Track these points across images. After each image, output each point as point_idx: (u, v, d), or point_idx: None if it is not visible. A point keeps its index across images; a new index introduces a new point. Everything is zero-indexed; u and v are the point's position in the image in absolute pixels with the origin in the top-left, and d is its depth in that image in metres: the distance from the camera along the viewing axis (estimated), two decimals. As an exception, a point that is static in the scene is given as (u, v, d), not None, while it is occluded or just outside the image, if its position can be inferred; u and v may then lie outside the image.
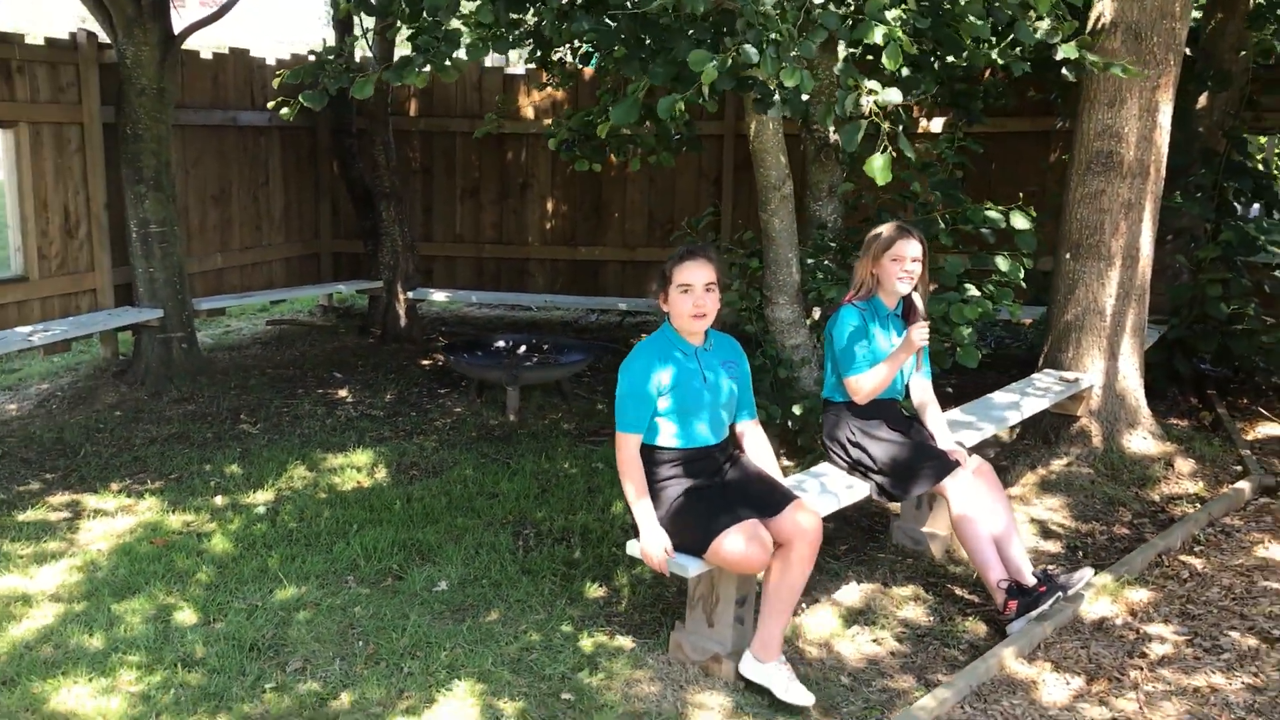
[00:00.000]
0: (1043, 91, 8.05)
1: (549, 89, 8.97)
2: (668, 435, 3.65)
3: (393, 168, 8.59)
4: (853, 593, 4.38)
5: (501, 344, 7.38)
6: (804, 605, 4.24)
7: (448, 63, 4.62)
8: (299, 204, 9.37)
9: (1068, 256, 5.87)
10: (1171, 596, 4.33)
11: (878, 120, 3.91)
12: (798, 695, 3.48)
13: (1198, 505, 5.33)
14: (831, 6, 4.02)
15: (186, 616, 4.02)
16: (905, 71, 5.52)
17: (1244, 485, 5.51)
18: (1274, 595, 4.33)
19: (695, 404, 3.64)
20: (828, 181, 6.15)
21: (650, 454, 3.65)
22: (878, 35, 3.92)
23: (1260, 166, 10.81)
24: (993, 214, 5.70)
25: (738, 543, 3.42)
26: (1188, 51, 7.36)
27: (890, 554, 4.80)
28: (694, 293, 3.60)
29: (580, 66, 7.52)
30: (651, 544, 3.54)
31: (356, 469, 5.66)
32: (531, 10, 4.84)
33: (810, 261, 5.86)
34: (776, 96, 4.18)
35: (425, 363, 7.98)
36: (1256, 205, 7.93)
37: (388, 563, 4.51)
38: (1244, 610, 4.20)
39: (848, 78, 3.98)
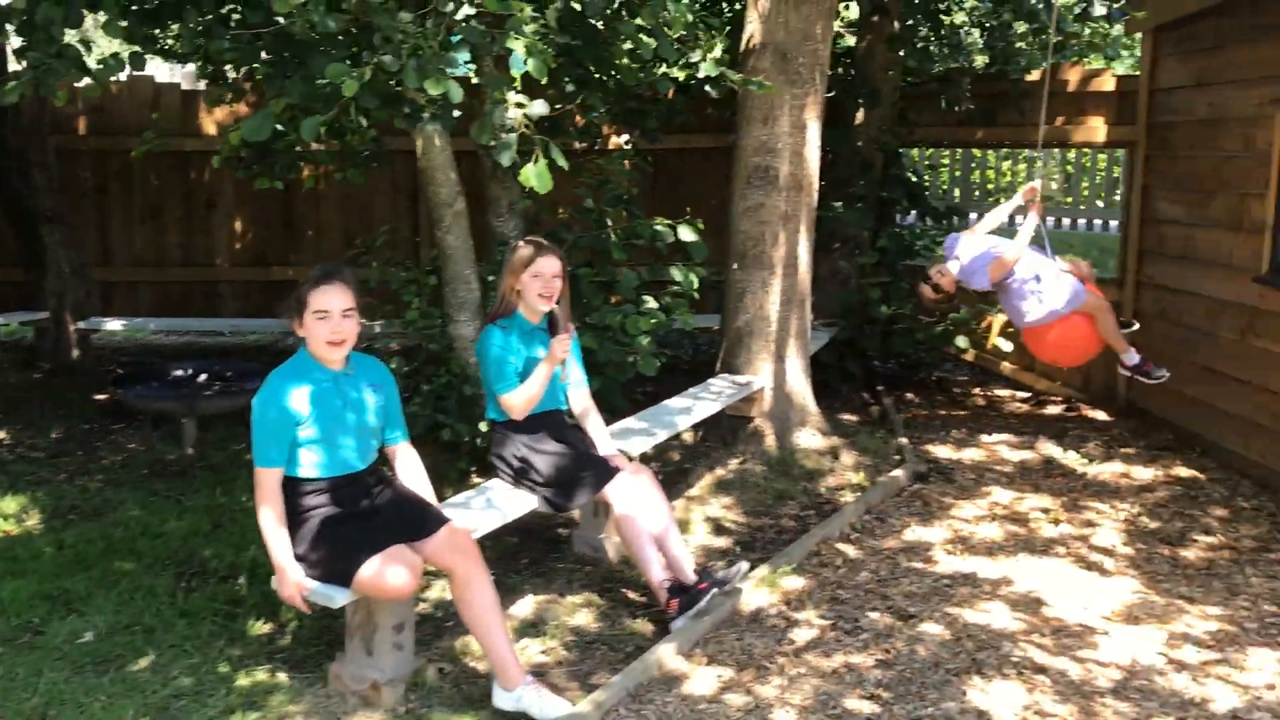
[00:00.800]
0: (720, 109, 8.42)
1: (232, 104, 8.60)
2: (310, 465, 3.55)
3: (55, 189, 8.02)
4: (527, 605, 4.41)
5: (180, 373, 7.01)
6: (476, 623, 4.24)
7: (83, 81, 4.38)
8: (-49, 231, 8.57)
9: (735, 267, 6.16)
10: (824, 583, 4.61)
11: (529, 134, 3.97)
12: (555, 709, 3.46)
13: (859, 495, 5.70)
14: (474, 22, 4.04)
15: None
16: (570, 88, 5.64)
17: (899, 473, 5.95)
18: (913, 575, 4.69)
19: (338, 430, 3.56)
20: (507, 198, 6.18)
21: (293, 486, 3.55)
22: (519, 49, 3.98)
23: (927, 179, 11.72)
24: (661, 228, 5.91)
25: (382, 569, 3.37)
26: (840, 71, 7.91)
27: (570, 563, 4.88)
28: (331, 319, 3.53)
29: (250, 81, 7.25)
30: (285, 581, 3.44)
31: (4, 517, 5.22)
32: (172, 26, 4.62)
33: (491, 278, 5.88)
34: (426, 113, 4.18)
35: (100, 397, 7.47)
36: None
37: (27, 617, 4.18)
38: (886, 591, 4.52)
39: (495, 90, 4.02)
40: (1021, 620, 4.23)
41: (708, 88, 4.95)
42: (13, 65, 7.90)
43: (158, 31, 4.79)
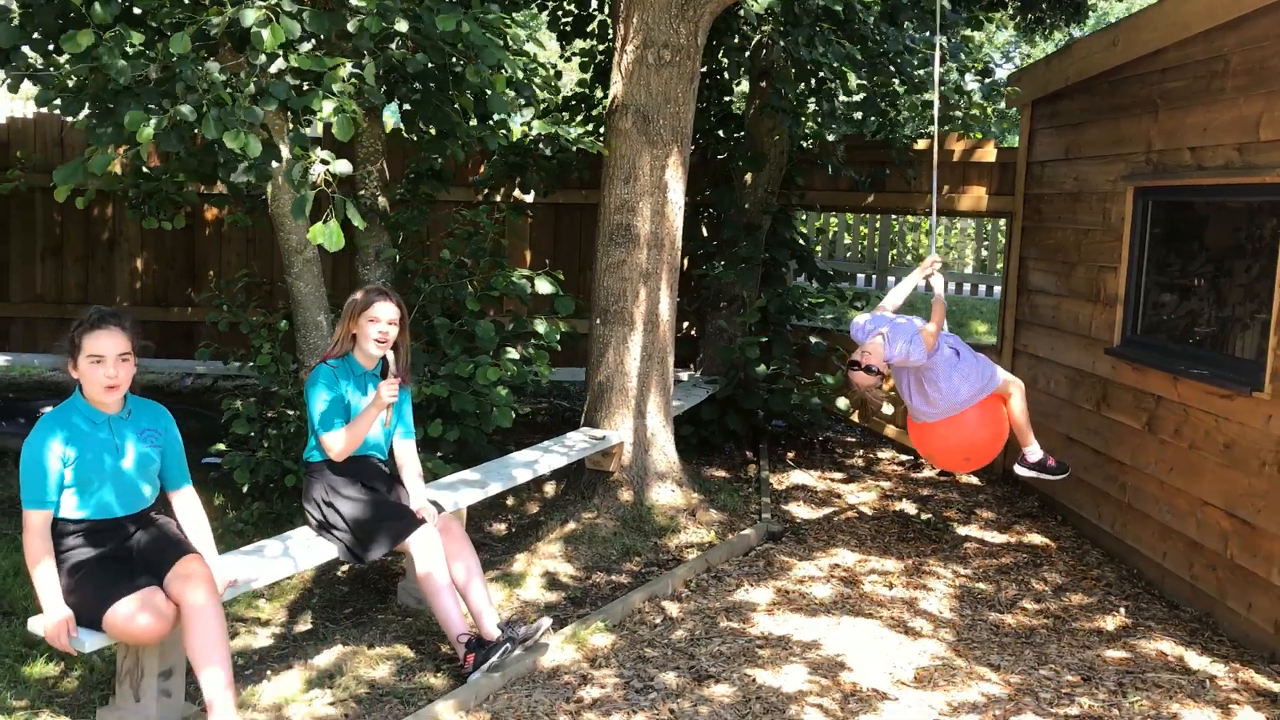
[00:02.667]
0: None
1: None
2: (72, 507, 3.53)
3: (-54, 223, 8.02)
4: (330, 655, 4.38)
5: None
6: (270, 672, 4.22)
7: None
8: None
9: (598, 322, 6.21)
10: (636, 641, 4.61)
11: (329, 190, 4.02)
12: None
13: (701, 552, 5.70)
14: (288, 78, 4.09)
15: None
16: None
17: (749, 532, 5.96)
18: (728, 635, 4.70)
19: (100, 474, 3.55)
20: (374, 246, 6.24)
21: (55, 526, 3.53)
22: (327, 108, 4.05)
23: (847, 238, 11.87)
24: (518, 280, 5.95)
25: (129, 613, 3.36)
26: (724, 134, 8.04)
27: (392, 615, 4.86)
28: (106, 364, 3.53)
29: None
30: (53, 627, 3.40)
31: None
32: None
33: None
34: (242, 163, 4.23)
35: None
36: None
37: None
38: (694, 651, 4.52)
39: (296, 146, 4.07)
40: (816, 683, 4.23)
41: (541, 145, 5.02)
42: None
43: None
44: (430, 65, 4.44)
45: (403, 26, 4.26)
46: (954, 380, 5.39)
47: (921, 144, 7.98)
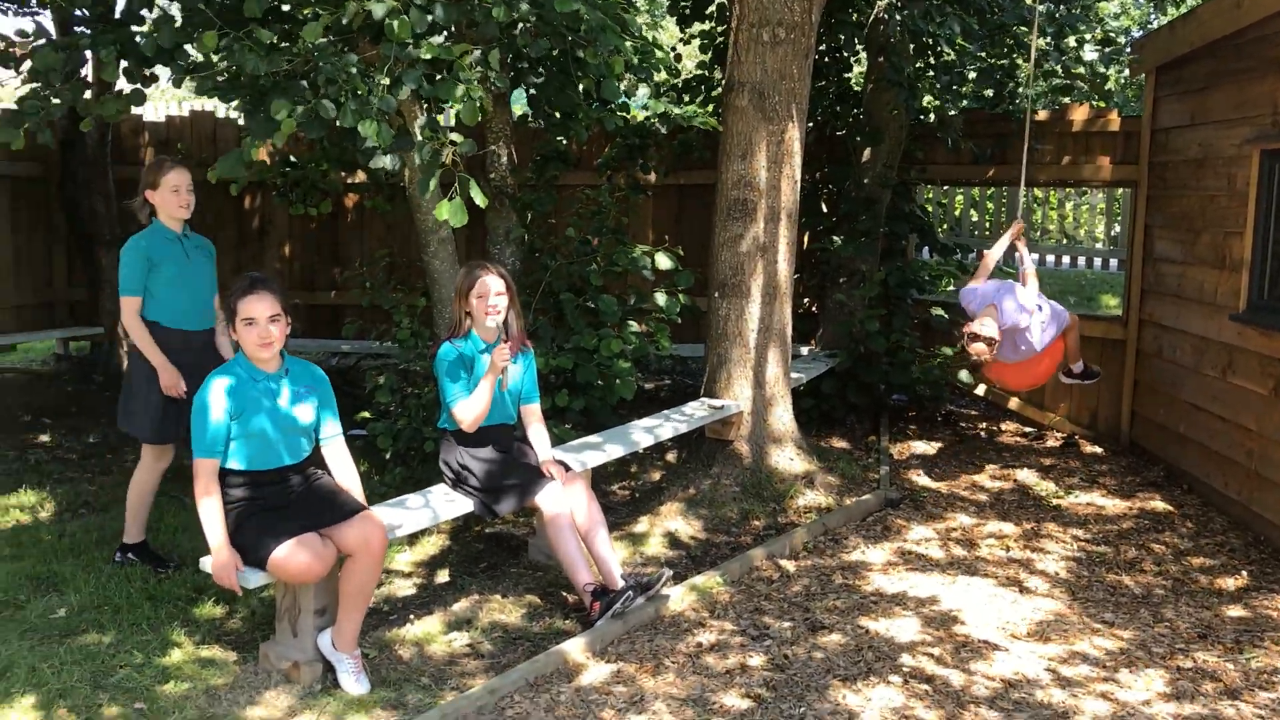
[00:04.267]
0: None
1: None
2: (238, 458, 3.92)
3: (114, 215, 8.67)
4: (467, 603, 4.71)
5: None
6: (413, 617, 4.56)
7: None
8: (30, 253, 9.29)
9: (716, 295, 6.40)
10: (754, 595, 4.81)
11: (456, 170, 4.32)
12: (354, 686, 3.88)
13: (820, 516, 5.86)
14: (419, 67, 4.41)
15: None
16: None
17: (869, 498, 6.10)
18: (841, 590, 4.86)
19: (266, 428, 3.92)
20: (503, 227, 6.57)
21: (223, 476, 3.92)
22: (458, 92, 4.35)
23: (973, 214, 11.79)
24: (639, 256, 6.19)
25: (290, 553, 3.72)
26: (840, 109, 8.13)
27: (523, 569, 5.17)
28: (258, 325, 3.90)
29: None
30: (219, 564, 3.79)
31: (21, 508, 5.73)
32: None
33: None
34: (380, 148, 4.56)
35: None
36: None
37: (14, 594, 4.62)
38: (809, 605, 4.70)
39: (427, 129, 4.38)
40: (929, 635, 4.37)
41: (655, 122, 5.24)
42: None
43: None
44: (553, 50, 4.70)
45: (524, 7, 4.53)
46: (1041, 333, 6.02)
47: (1043, 114, 7.94)
